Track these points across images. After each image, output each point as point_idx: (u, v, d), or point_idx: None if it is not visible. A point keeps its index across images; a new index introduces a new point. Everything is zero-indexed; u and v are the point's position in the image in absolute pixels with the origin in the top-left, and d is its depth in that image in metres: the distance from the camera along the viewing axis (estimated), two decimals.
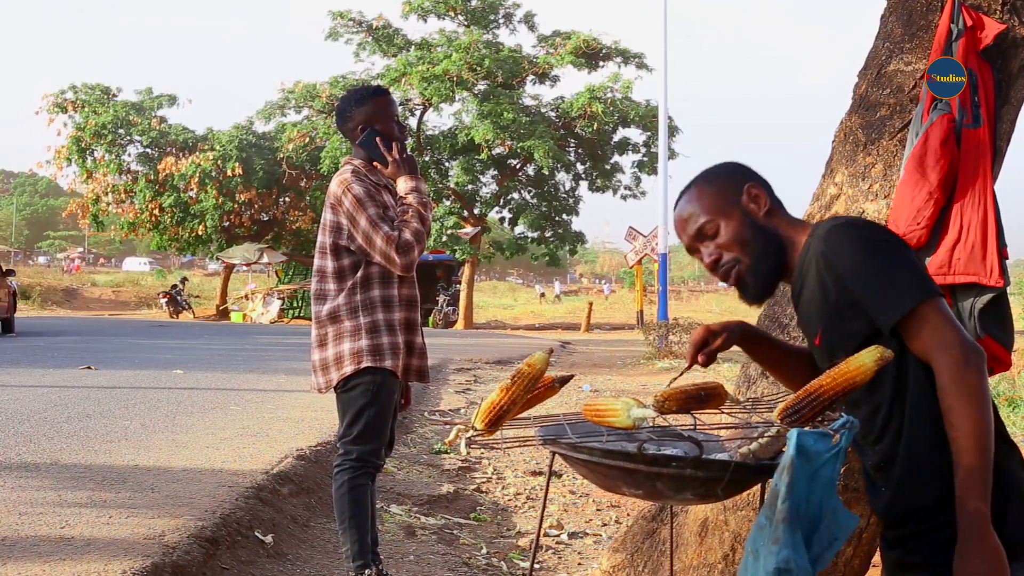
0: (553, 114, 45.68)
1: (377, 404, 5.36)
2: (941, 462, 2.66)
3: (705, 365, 3.32)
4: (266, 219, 50.33)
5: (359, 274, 5.36)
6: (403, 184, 5.49)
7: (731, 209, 3.05)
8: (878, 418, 2.85)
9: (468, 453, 10.53)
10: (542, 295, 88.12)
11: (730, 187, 3.08)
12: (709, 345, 3.29)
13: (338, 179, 5.37)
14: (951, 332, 2.68)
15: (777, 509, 2.86)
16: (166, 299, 49.67)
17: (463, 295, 46.83)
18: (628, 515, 8.13)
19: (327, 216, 5.38)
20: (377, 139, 5.42)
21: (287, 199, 49.63)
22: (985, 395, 2.62)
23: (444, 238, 44.57)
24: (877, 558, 5.67)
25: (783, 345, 3.49)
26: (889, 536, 2.88)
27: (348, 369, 5.31)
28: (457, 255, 45.47)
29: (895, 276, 2.72)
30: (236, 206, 47.41)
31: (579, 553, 7.30)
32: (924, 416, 2.73)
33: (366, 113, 5.50)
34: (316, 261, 5.46)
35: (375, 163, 5.49)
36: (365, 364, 5.31)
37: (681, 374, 3.98)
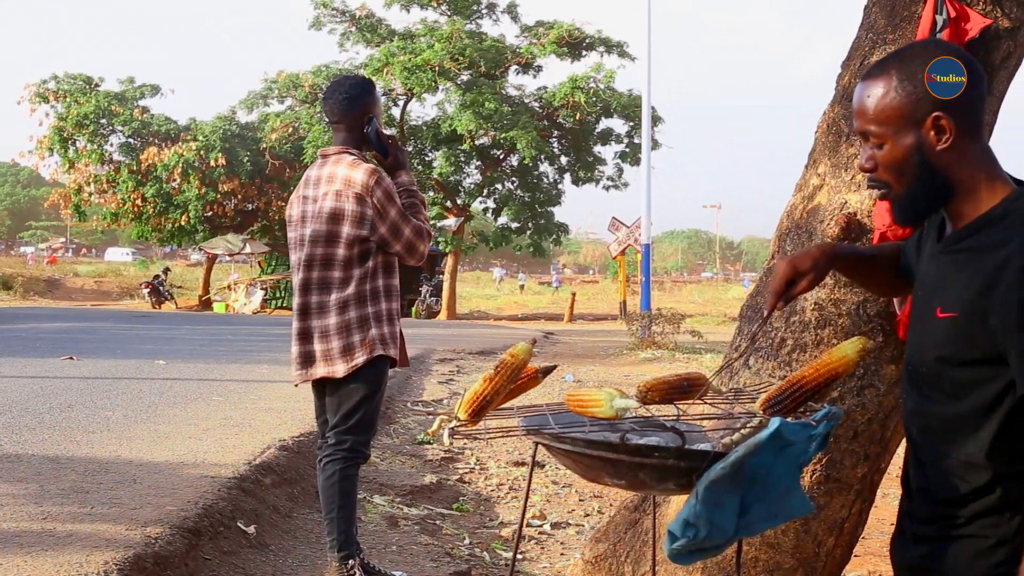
0: (536, 104, 45.59)
1: (377, 394, 5.43)
2: (992, 485, 2.48)
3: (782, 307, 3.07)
4: (249, 209, 50.25)
5: (369, 263, 5.36)
6: (404, 176, 5.54)
7: (907, 130, 2.58)
8: (967, 419, 2.53)
9: (451, 443, 10.54)
10: (521, 287, 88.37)
11: (921, 103, 2.56)
12: (795, 287, 3.01)
13: (362, 169, 5.33)
14: None
15: (714, 469, 2.87)
16: (148, 289, 49.53)
17: (446, 285, 46.81)
18: (611, 505, 8.14)
19: (347, 206, 5.31)
20: (379, 130, 5.46)
21: (270, 189, 49.51)
22: None
23: None
24: (859, 548, 5.70)
25: (870, 256, 3.20)
26: (915, 530, 2.69)
27: (360, 359, 5.33)
28: (440, 246, 45.41)
29: None
30: (219, 196, 47.37)
31: (562, 543, 7.31)
32: (1008, 449, 2.47)
33: (371, 103, 5.52)
34: (321, 250, 5.39)
35: (374, 153, 5.51)
36: (378, 353, 5.34)
37: (764, 322, 3.98)
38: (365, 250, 5.35)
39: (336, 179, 5.36)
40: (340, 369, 5.35)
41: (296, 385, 5.63)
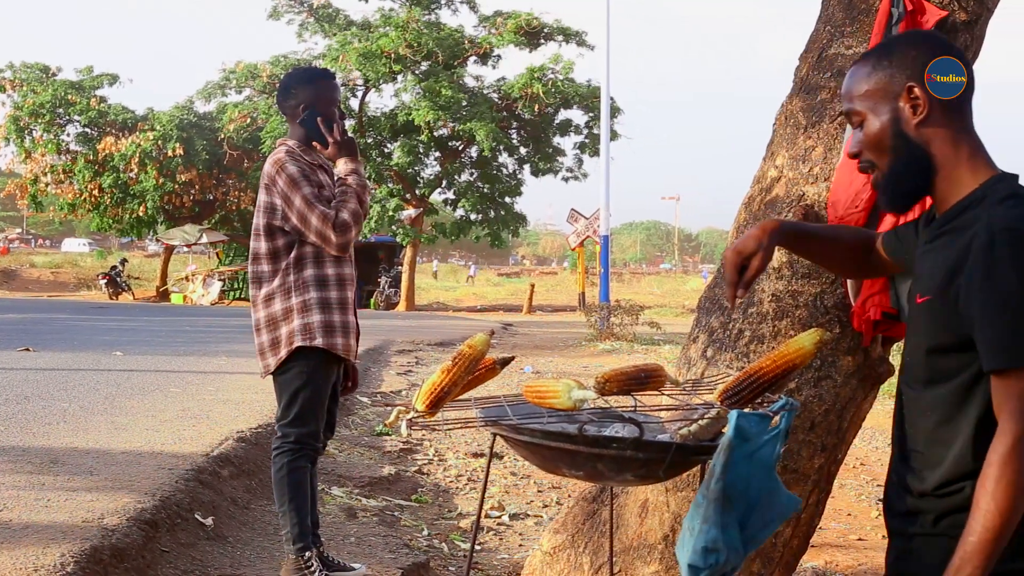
0: (495, 95, 45.58)
1: (312, 385, 5.35)
2: (964, 481, 2.45)
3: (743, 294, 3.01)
4: (207, 200, 49.95)
5: (292, 254, 5.33)
6: (343, 165, 5.50)
7: (885, 105, 2.61)
8: (945, 407, 2.52)
9: (409, 435, 10.53)
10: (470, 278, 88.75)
11: (897, 77, 2.60)
12: (748, 270, 2.97)
13: (272, 159, 5.35)
14: None
15: (710, 488, 2.88)
16: (105, 280, 49.19)
17: (405, 277, 46.72)
18: (569, 496, 8.16)
19: (261, 197, 5.35)
20: (318, 119, 5.41)
21: (228, 180, 49.26)
22: None
23: (387, 221, 44.42)
24: (816, 538, 5.74)
25: (828, 236, 3.19)
26: (893, 525, 2.68)
27: (283, 353, 5.31)
28: (399, 239, 45.31)
29: None
30: (177, 187, 46.99)
31: (520, 534, 7.32)
32: (982, 443, 2.41)
33: (309, 93, 5.48)
34: (252, 243, 5.42)
35: (315, 143, 5.47)
36: (297, 344, 5.29)
37: (730, 312, 3.96)
38: (289, 241, 5.33)
39: (263, 172, 5.40)
40: (271, 363, 5.35)
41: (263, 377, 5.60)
